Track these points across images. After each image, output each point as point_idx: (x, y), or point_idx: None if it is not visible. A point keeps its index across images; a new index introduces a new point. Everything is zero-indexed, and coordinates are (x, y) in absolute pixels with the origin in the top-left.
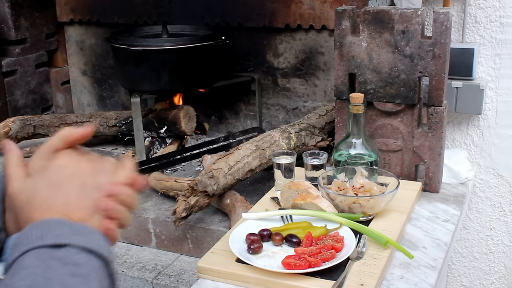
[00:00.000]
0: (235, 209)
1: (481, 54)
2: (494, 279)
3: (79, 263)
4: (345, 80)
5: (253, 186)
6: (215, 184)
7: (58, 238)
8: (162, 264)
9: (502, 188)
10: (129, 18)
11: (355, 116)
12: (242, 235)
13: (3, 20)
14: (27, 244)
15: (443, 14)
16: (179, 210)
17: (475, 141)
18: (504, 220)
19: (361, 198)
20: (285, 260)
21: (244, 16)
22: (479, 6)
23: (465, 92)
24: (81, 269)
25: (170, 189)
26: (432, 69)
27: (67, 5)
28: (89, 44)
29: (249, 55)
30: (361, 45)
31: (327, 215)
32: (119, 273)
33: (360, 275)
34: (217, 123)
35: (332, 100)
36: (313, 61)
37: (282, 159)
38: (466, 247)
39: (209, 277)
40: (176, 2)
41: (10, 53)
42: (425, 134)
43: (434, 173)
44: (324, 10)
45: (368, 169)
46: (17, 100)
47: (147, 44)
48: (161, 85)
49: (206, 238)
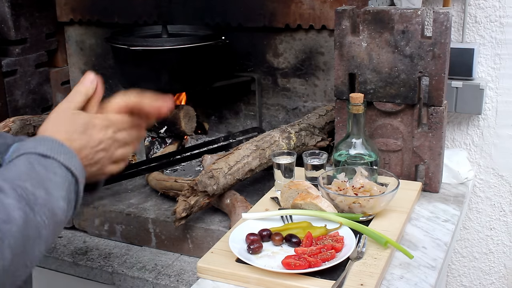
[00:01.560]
0: (235, 209)
1: (481, 54)
2: (494, 279)
3: (56, 173)
4: (345, 80)
5: (253, 186)
6: (215, 184)
7: (46, 151)
8: (162, 264)
9: (502, 188)
10: (129, 18)
11: (355, 116)
12: (242, 235)
13: (3, 20)
14: (23, 150)
15: (443, 14)
16: (179, 210)
17: (475, 141)
18: (504, 220)
19: (361, 198)
20: (285, 260)
21: (244, 16)
22: (479, 6)
23: (465, 92)
24: (57, 178)
25: (170, 189)
26: (432, 69)
27: (67, 5)
28: (89, 44)
29: (249, 55)
30: (361, 45)
31: (327, 215)
32: (119, 273)
33: (360, 275)
34: (217, 123)
35: (332, 100)
36: (313, 61)
37: (282, 159)
38: (466, 247)
39: (209, 277)
40: (176, 2)
41: (10, 53)
42: (425, 134)
43: (434, 173)
44: (324, 10)
45: (368, 169)
46: (17, 100)
47: (147, 44)
48: (161, 85)
49: (206, 238)
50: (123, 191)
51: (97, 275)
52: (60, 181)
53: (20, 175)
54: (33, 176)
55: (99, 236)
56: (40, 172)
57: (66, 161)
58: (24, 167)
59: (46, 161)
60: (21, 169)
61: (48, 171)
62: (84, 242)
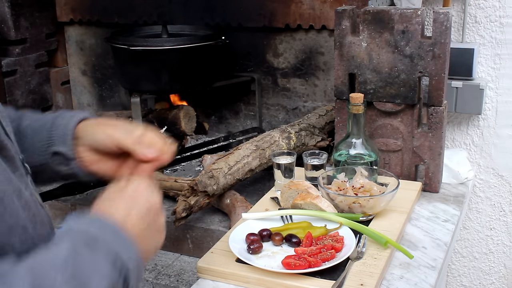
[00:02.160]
0: (235, 209)
1: (481, 54)
2: (494, 279)
3: None
4: (345, 80)
5: (253, 186)
6: (215, 184)
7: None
8: (162, 264)
9: (502, 188)
10: (129, 18)
11: (355, 116)
12: (242, 235)
13: (3, 20)
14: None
15: (443, 14)
16: (179, 210)
17: (475, 141)
18: (504, 220)
19: (361, 198)
20: (285, 260)
21: (244, 16)
22: (479, 6)
23: (465, 92)
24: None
25: (170, 189)
26: (432, 69)
27: (67, 5)
28: (89, 44)
29: (249, 55)
30: (361, 45)
31: (327, 215)
32: None
33: (360, 275)
34: (217, 123)
35: (332, 100)
36: (313, 61)
37: (282, 159)
38: (466, 247)
39: (209, 277)
40: (176, 2)
41: (10, 53)
42: (425, 134)
43: (434, 173)
44: (324, 10)
45: (368, 169)
46: (17, 100)
47: (147, 44)
48: (161, 85)
49: (206, 238)
50: None
51: None
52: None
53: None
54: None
55: None
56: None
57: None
58: (70, 251)
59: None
60: (67, 254)
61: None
62: None
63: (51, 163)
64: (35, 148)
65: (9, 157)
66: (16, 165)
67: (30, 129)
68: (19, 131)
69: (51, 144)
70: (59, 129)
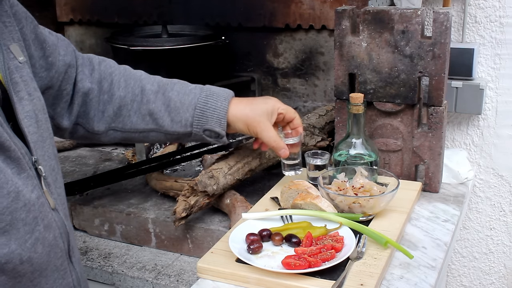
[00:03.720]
0: (235, 209)
1: (481, 54)
2: (494, 279)
3: None
4: (345, 80)
5: (253, 186)
6: (215, 184)
7: None
8: (162, 264)
9: (502, 188)
10: (129, 18)
11: (355, 116)
12: (242, 235)
13: None
14: None
15: (443, 14)
16: (179, 210)
17: (475, 141)
18: (504, 220)
19: (361, 198)
20: (285, 260)
21: (244, 16)
22: (479, 6)
23: (465, 92)
24: None
25: (170, 189)
26: (432, 69)
27: (67, 5)
28: (89, 44)
29: (249, 55)
30: (361, 45)
31: (327, 215)
32: (119, 273)
33: (360, 275)
34: None
35: (332, 100)
36: (313, 61)
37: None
38: (466, 247)
39: (209, 277)
40: (176, 2)
41: None
42: (425, 134)
43: (434, 173)
44: (324, 10)
45: (368, 169)
46: None
47: (147, 44)
48: None
49: (206, 238)
50: (123, 191)
51: (97, 275)
52: None
53: None
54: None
55: (99, 236)
56: None
57: None
58: None
59: None
60: None
61: None
62: (84, 242)
63: (202, 135)
64: (181, 119)
65: (13, 158)
66: (23, 167)
67: (179, 103)
68: (166, 99)
69: (205, 123)
70: (215, 112)
